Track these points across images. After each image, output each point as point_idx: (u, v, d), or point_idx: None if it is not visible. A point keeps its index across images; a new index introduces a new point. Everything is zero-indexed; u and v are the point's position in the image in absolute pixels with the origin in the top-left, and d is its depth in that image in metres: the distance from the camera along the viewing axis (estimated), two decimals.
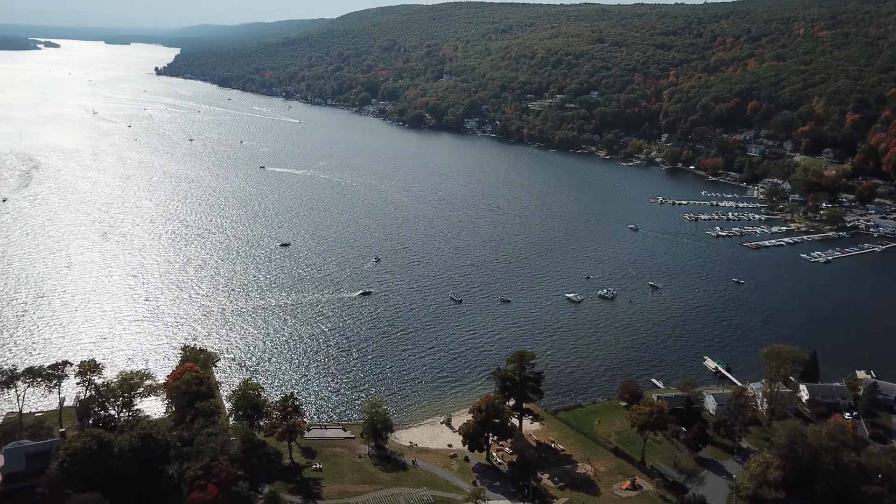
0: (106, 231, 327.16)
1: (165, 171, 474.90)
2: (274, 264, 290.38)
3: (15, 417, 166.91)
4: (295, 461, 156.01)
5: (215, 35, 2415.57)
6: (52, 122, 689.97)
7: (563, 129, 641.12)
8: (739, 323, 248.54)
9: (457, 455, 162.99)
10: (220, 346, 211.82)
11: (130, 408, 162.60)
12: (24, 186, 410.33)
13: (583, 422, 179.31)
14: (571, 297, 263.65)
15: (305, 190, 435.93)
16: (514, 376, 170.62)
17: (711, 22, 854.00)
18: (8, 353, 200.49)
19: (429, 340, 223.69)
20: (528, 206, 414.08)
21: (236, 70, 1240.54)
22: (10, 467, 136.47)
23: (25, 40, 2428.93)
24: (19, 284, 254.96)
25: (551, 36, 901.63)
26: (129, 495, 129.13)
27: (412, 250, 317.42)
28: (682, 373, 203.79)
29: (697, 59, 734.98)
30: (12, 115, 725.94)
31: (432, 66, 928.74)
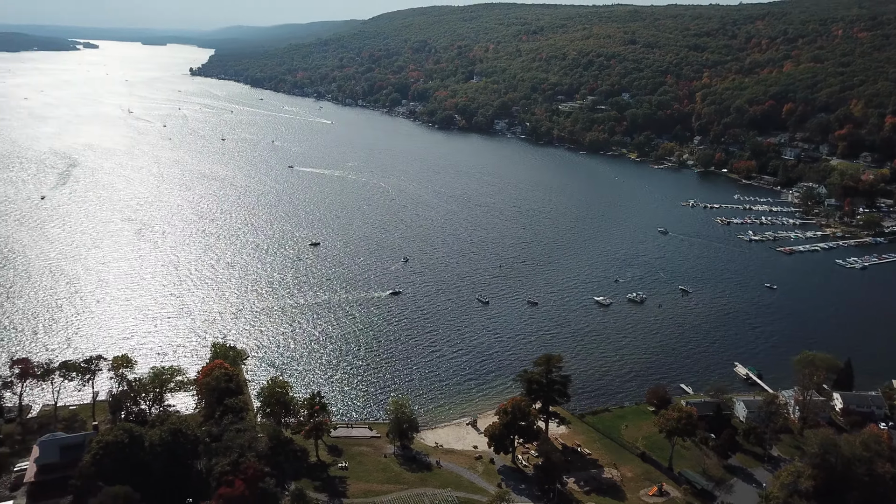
0: (140, 228, 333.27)
1: (198, 171, 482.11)
2: (304, 263, 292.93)
3: (50, 410, 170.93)
4: (321, 459, 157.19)
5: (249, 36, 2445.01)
6: (90, 121, 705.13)
7: (593, 130, 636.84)
8: (772, 329, 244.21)
9: (482, 457, 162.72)
10: (250, 343, 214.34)
11: (161, 403, 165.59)
12: (63, 184, 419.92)
13: (610, 426, 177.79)
14: (600, 301, 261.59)
15: (335, 190, 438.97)
16: (540, 379, 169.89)
17: (747, 23, 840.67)
18: (44, 348, 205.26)
19: (455, 341, 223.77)
20: (557, 207, 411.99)
21: (269, 71, 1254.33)
22: (44, 458, 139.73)
23: (66, 41, 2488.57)
24: (56, 280, 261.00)
25: (583, 37, 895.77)
26: (158, 489, 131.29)
27: (440, 251, 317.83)
28: (712, 379, 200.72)
29: (732, 60, 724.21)
30: (53, 114, 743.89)
31: (463, 68, 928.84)
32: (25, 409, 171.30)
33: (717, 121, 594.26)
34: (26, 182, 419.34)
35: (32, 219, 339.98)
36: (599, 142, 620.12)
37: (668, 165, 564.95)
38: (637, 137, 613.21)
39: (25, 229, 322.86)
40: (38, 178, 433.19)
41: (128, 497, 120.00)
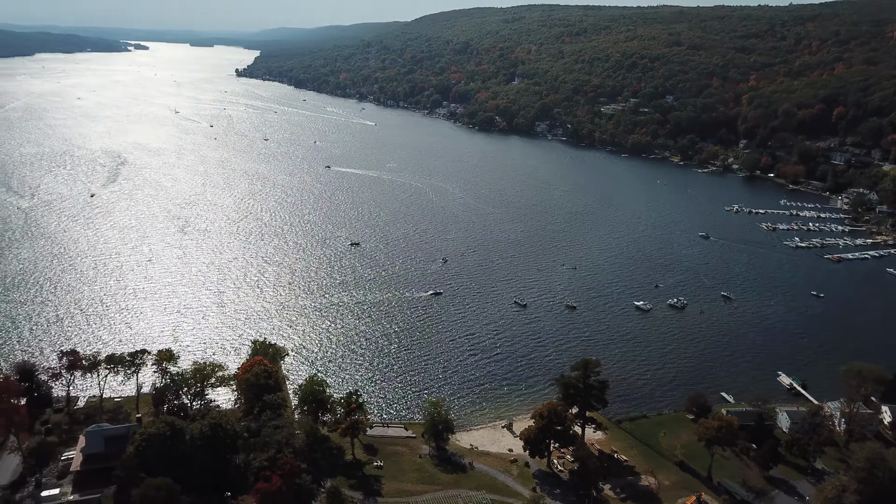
0: (184, 226, 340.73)
1: (242, 170, 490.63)
2: (344, 263, 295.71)
3: (96, 401, 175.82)
4: (357, 457, 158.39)
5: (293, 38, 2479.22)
6: (140, 121, 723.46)
7: (635, 133, 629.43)
8: (817, 338, 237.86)
9: (517, 460, 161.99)
10: (289, 341, 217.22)
11: (202, 397, 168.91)
12: (112, 182, 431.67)
13: (647, 433, 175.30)
14: (640, 306, 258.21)
15: (375, 191, 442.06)
16: (577, 384, 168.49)
17: (796, 24, 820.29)
18: (92, 340, 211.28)
19: (493, 344, 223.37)
20: (597, 211, 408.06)
21: (312, 72, 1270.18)
22: (90, 449, 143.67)
23: (118, 43, 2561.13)
24: (105, 275, 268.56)
25: (626, 39, 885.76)
26: (198, 481, 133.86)
27: (478, 253, 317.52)
28: (755, 388, 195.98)
29: (780, 62, 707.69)
30: (104, 114, 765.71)
31: (504, 69, 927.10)
32: (73, 400, 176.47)
33: (764, 124, 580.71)
34: (78, 180, 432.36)
35: (82, 215, 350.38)
36: (642, 145, 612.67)
37: (712, 169, 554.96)
38: (681, 141, 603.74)
39: (76, 225, 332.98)
40: (89, 176, 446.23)
41: (169, 489, 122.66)
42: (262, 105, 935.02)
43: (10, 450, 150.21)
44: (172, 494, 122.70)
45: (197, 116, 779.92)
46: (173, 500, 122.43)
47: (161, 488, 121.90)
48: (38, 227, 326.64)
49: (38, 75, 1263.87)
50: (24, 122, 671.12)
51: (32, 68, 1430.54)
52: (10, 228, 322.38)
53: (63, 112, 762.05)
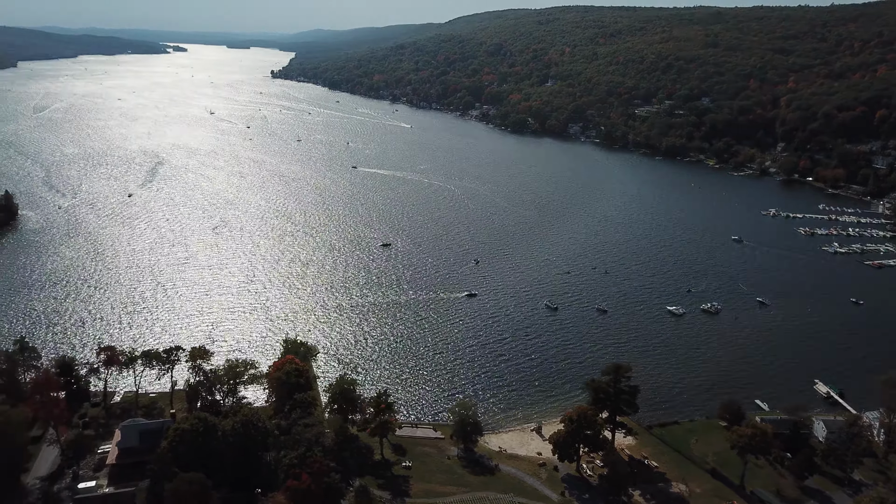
0: (217, 225, 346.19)
1: (276, 170, 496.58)
2: (375, 264, 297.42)
3: (132, 396, 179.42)
4: (385, 457, 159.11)
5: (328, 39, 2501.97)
6: (178, 121, 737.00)
7: (670, 136, 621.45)
8: (857, 346, 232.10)
9: (546, 464, 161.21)
10: (320, 340, 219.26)
11: (234, 394, 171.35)
12: (150, 181, 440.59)
13: (679, 439, 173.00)
14: (673, 310, 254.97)
15: (406, 192, 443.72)
16: (608, 388, 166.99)
17: (838, 25, 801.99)
18: (128, 337, 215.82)
19: (523, 346, 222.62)
20: (629, 214, 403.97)
21: (346, 73, 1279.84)
22: (125, 443, 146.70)
23: (157, 45, 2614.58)
24: (142, 273, 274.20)
25: (662, 40, 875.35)
26: (229, 477, 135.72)
27: (510, 255, 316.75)
28: (790, 396, 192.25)
29: (820, 64, 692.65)
30: (144, 114, 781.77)
31: (537, 71, 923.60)
32: (109, 395, 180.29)
33: (803, 127, 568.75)
34: (117, 179, 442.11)
35: (121, 214, 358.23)
36: (676, 147, 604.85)
37: (748, 173, 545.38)
38: (716, 143, 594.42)
39: (114, 224, 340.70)
40: (128, 175, 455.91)
41: (201, 484, 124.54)
42: (296, 106, 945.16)
43: (48, 442, 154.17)
44: (204, 489, 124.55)
45: (233, 117, 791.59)
46: (205, 495, 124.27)
47: (194, 483, 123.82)
48: (79, 226, 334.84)
49: (81, 77, 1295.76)
50: (67, 123, 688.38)
51: (76, 70, 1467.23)
52: (52, 227, 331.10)
53: (104, 113, 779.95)
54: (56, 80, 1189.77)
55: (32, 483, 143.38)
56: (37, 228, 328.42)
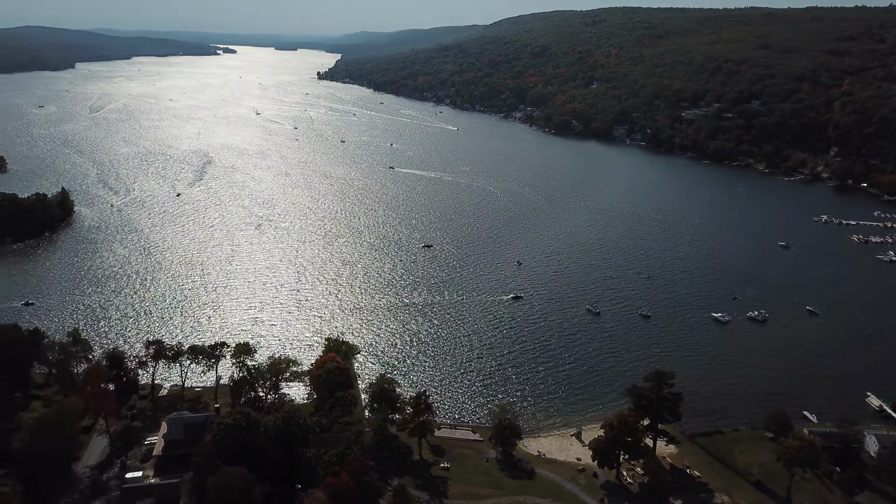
0: (260, 224, 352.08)
1: (320, 171, 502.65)
2: (417, 265, 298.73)
3: (178, 390, 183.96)
4: (424, 458, 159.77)
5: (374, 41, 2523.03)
6: (227, 122, 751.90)
7: (718, 139, 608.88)
8: None
9: (585, 470, 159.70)
10: (361, 339, 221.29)
11: (277, 391, 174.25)
12: (198, 181, 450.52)
13: (722, 450, 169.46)
14: (718, 317, 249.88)
15: (448, 194, 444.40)
16: (650, 395, 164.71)
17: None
18: (176, 331, 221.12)
19: (564, 351, 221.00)
20: (675, 219, 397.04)
21: (391, 75, 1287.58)
22: (171, 435, 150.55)
23: (208, 46, 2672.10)
24: (189, 270, 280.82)
25: (711, 41, 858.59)
26: (270, 473, 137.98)
27: (552, 258, 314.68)
28: (840, 408, 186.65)
29: (877, 66, 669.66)
30: (195, 115, 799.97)
31: (582, 73, 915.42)
32: (157, 388, 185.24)
33: (858, 131, 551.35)
34: (167, 179, 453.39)
35: (170, 213, 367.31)
36: (724, 151, 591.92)
37: (799, 178, 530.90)
38: (766, 147, 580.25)
39: (164, 222, 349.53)
40: (178, 175, 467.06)
41: (243, 478, 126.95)
42: (341, 108, 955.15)
43: (98, 432, 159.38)
44: (246, 483, 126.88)
45: (280, 118, 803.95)
46: (247, 489, 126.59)
47: (236, 477, 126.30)
48: (130, 223, 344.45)
49: (135, 78, 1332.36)
50: (122, 123, 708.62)
51: (130, 71, 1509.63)
52: (105, 224, 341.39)
53: (157, 113, 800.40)
54: (111, 81, 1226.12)
55: (83, 471, 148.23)
56: (91, 225, 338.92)
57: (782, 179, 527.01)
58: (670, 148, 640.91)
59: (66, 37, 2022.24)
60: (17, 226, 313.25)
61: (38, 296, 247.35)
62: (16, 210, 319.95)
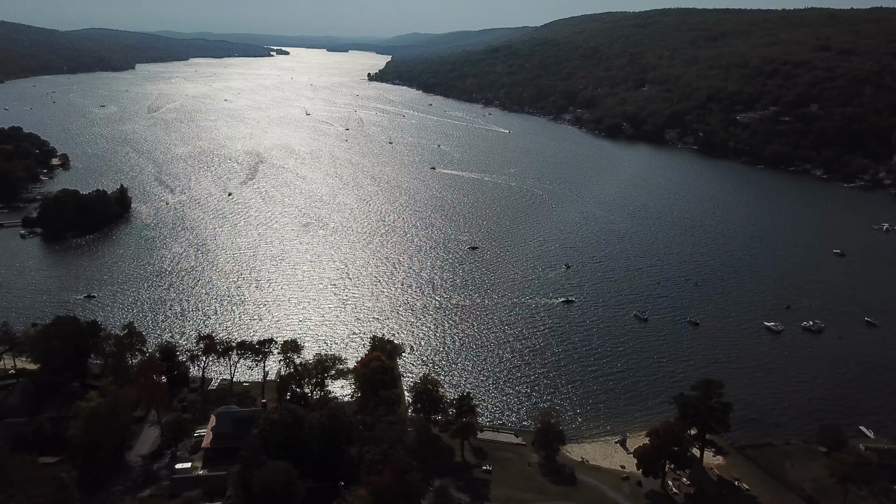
0: (308, 223, 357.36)
1: (369, 171, 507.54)
2: (463, 266, 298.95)
3: (226, 385, 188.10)
4: (466, 460, 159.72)
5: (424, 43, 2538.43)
6: (279, 123, 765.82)
7: (774, 143, 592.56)
8: None
9: (629, 477, 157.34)
10: (406, 339, 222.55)
11: (322, 388, 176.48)
12: (250, 180, 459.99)
13: (773, 463, 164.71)
14: (770, 326, 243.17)
15: (494, 196, 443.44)
16: (698, 404, 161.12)
17: None
18: (226, 327, 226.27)
19: (610, 356, 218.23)
20: (726, 224, 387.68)
21: (440, 77, 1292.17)
22: (219, 428, 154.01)
23: (262, 48, 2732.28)
24: (239, 267, 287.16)
25: (768, 44, 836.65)
26: (314, 469, 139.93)
27: (600, 262, 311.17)
28: None
29: None
30: (248, 115, 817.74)
31: (634, 75, 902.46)
32: (207, 382, 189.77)
33: None
34: (221, 177, 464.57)
35: (222, 211, 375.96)
36: (780, 156, 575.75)
37: (859, 184, 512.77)
38: (824, 152, 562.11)
39: (216, 220, 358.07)
40: (231, 174, 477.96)
41: (288, 472, 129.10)
42: (391, 109, 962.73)
43: (150, 423, 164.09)
44: (291, 479, 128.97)
45: (330, 119, 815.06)
46: (292, 484, 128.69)
47: (281, 472, 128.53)
48: (184, 221, 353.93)
49: (192, 79, 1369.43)
50: (178, 123, 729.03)
51: (187, 72, 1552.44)
52: (160, 221, 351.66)
53: (212, 114, 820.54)
54: (169, 82, 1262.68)
55: (135, 460, 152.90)
56: (147, 222, 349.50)
57: (841, 186, 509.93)
58: (723, 152, 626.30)
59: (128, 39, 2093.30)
60: (78, 221, 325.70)
61: (98, 289, 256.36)
62: (78, 206, 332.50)
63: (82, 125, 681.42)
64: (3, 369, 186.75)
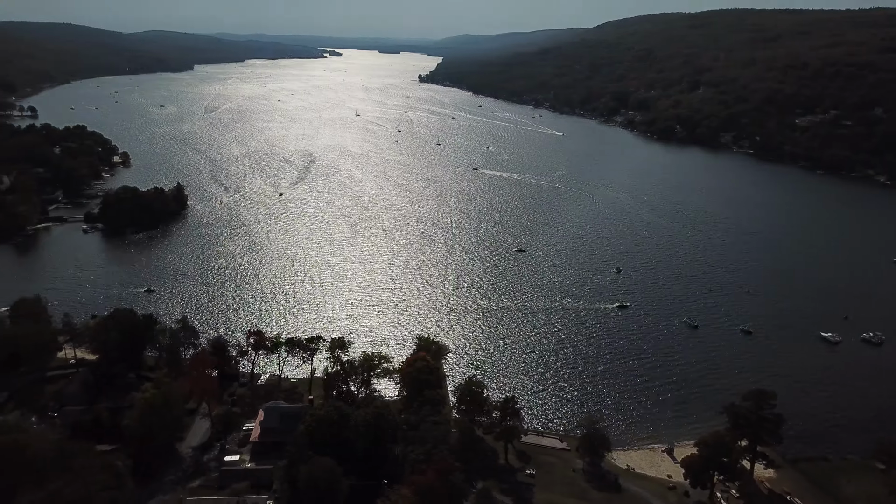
0: (356, 223, 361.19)
1: (418, 172, 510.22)
2: (510, 269, 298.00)
3: (275, 380, 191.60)
4: (509, 463, 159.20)
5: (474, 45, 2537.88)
6: (331, 124, 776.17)
7: (834, 148, 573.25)
8: None
9: (676, 487, 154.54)
10: (451, 340, 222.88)
11: (368, 386, 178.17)
12: (301, 181, 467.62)
13: (827, 478, 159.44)
14: (827, 337, 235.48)
15: (542, 198, 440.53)
16: (749, 415, 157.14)
17: None
18: (275, 324, 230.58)
19: (659, 363, 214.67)
20: (781, 231, 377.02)
21: (489, 78, 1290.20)
22: (267, 423, 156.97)
23: (315, 49, 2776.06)
24: (289, 265, 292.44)
25: (830, 44, 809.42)
26: (359, 466, 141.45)
27: (650, 267, 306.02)
28: None
29: None
30: (302, 116, 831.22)
31: (688, 77, 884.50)
32: (256, 377, 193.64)
33: None
34: (273, 177, 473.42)
35: (274, 211, 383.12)
36: (841, 161, 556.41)
37: None
38: (888, 157, 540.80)
39: (268, 220, 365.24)
40: (283, 174, 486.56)
41: (333, 469, 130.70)
42: (440, 110, 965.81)
43: (201, 415, 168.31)
44: (336, 475, 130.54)
45: (381, 120, 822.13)
46: (336, 480, 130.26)
47: (326, 468, 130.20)
48: (237, 220, 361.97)
49: (248, 80, 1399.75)
50: (234, 123, 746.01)
51: (243, 73, 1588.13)
52: (215, 219, 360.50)
53: (267, 114, 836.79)
54: (225, 83, 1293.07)
55: (186, 451, 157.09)
56: (201, 220, 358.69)
57: None
58: (780, 156, 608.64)
59: (187, 41, 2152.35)
60: (137, 217, 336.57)
61: (156, 283, 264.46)
62: (137, 203, 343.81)
63: (142, 124, 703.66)
64: (64, 359, 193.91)
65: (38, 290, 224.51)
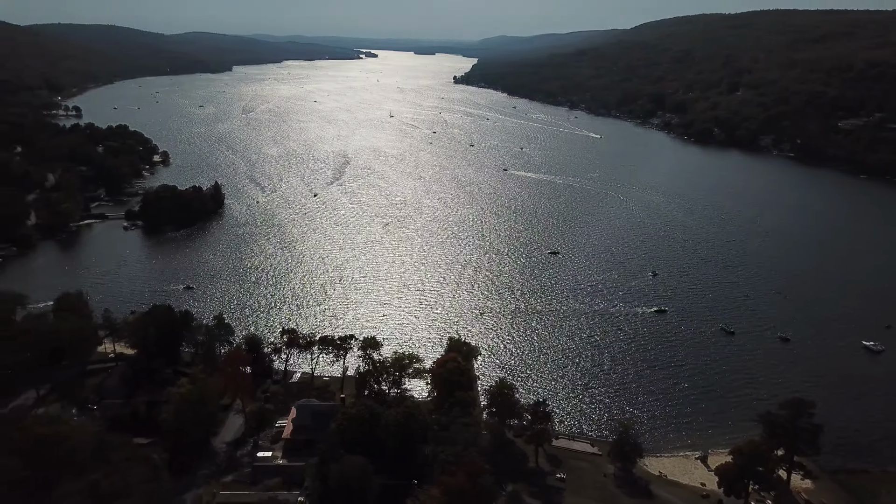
0: (388, 223, 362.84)
1: (449, 173, 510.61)
2: (542, 271, 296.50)
3: (307, 378, 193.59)
4: (540, 466, 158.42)
5: (510, 46, 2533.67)
6: (366, 125, 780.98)
7: (879, 151, 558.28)
8: None
9: (709, 496, 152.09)
10: (482, 341, 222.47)
11: (399, 386, 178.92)
12: (335, 181, 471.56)
13: (866, 490, 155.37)
14: (870, 346, 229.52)
15: (576, 200, 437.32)
16: (786, 424, 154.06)
17: None
18: (308, 322, 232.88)
19: (694, 369, 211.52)
20: (823, 236, 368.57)
21: (525, 79, 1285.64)
22: (299, 420, 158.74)
23: (351, 51, 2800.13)
24: (323, 265, 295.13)
25: (875, 45, 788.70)
26: (389, 466, 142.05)
27: (686, 271, 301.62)
28: None
29: None
30: (338, 117, 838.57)
31: (727, 78, 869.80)
32: (289, 374, 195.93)
33: None
34: (308, 177, 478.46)
35: (309, 211, 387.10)
36: (886, 165, 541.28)
37: None
38: None
39: (303, 219, 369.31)
40: (318, 174, 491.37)
41: (364, 468, 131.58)
42: (475, 111, 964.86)
43: (235, 411, 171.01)
44: (367, 474, 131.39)
45: (415, 122, 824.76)
46: (367, 479, 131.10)
47: (357, 466, 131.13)
48: (273, 219, 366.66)
49: (285, 81, 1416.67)
50: (271, 124, 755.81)
51: (280, 74, 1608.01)
52: (251, 219, 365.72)
53: (303, 115, 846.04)
54: (263, 84, 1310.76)
55: (220, 446, 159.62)
56: (238, 219, 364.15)
57: None
58: (822, 160, 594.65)
59: (225, 42, 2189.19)
60: (176, 215, 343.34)
61: (192, 281, 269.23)
62: (176, 201, 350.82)
63: (182, 124, 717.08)
64: (104, 353, 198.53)
65: (80, 285, 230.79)
